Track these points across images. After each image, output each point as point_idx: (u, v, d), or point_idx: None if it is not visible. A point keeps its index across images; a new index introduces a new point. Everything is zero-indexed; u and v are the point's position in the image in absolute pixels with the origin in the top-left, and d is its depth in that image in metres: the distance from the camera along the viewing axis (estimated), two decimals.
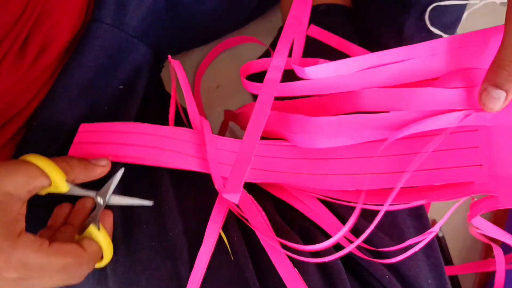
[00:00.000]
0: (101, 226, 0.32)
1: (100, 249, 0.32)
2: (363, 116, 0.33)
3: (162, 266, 0.34)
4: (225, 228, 0.36)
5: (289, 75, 0.38)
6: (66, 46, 0.40)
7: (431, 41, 0.32)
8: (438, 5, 0.43)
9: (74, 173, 0.32)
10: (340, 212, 0.37)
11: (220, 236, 0.35)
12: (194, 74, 0.63)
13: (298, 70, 0.36)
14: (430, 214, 0.45)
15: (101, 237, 0.32)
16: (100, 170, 0.34)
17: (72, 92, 0.39)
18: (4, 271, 0.27)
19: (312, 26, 0.45)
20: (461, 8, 0.45)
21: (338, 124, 0.33)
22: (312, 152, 0.35)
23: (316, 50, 0.43)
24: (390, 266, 0.35)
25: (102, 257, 0.33)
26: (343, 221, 0.36)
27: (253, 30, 0.64)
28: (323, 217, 0.36)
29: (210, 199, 0.37)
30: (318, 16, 0.47)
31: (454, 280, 0.57)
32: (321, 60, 0.40)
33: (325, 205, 0.37)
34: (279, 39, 0.42)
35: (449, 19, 0.44)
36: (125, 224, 0.36)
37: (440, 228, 0.56)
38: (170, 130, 0.38)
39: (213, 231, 0.35)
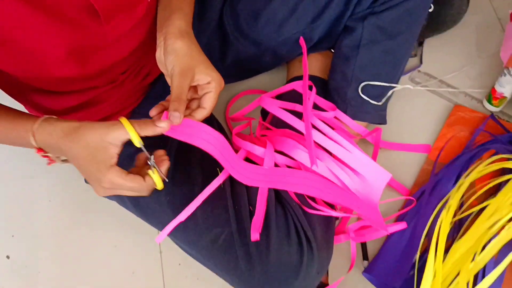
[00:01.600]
0: (155, 171, 0.51)
1: (154, 183, 0.51)
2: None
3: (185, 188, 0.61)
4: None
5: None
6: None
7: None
8: (368, 83, 0.72)
9: (143, 132, 0.49)
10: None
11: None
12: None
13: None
14: None
15: (155, 177, 0.51)
16: (159, 129, 0.49)
17: None
18: (102, 183, 0.49)
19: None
20: (385, 87, 0.73)
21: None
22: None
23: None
24: None
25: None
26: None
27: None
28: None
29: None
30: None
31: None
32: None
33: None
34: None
35: (376, 92, 0.73)
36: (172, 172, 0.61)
37: None
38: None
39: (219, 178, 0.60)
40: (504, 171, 0.73)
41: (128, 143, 0.50)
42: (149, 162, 0.51)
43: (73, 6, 0.50)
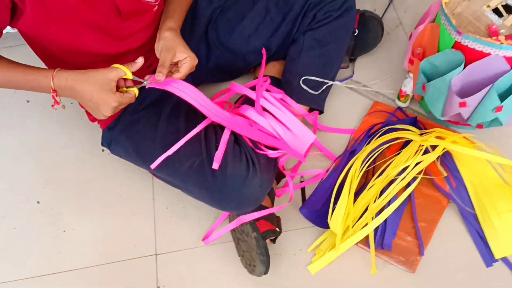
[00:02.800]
0: (135, 91, 0.81)
1: (134, 94, 0.81)
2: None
3: (173, 133, 0.91)
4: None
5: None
6: None
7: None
8: (307, 77, 1.02)
9: (132, 69, 0.78)
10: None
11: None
12: None
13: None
14: None
15: (136, 91, 0.81)
16: (138, 66, 0.79)
17: None
18: (111, 103, 0.77)
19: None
20: (320, 82, 1.02)
21: None
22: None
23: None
24: None
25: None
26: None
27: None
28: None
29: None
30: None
31: None
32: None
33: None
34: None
35: (314, 85, 1.02)
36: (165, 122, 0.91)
37: None
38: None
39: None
40: (405, 144, 1.01)
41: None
42: (144, 83, 0.82)
43: (106, 6, 0.81)
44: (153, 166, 0.86)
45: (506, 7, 0.92)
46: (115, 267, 0.95)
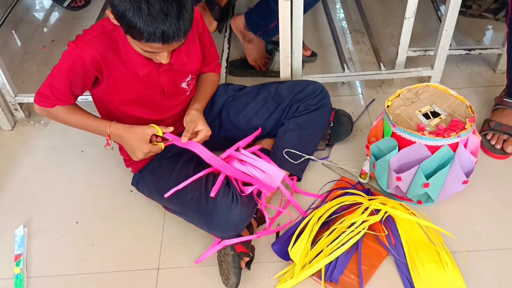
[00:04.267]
0: (162, 145, 1.18)
1: (160, 147, 1.18)
2: None
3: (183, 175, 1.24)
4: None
5: None
6: None
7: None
8: (289, 150, 1.37)
9: (163, 130, 1.17)
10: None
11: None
12: None
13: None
14: None
15: (162, 147, 1.18)
16: (168, 130, 1.18)
17: None
18: (143, 149, 1.15)
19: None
20: (299, 155, 1.37)
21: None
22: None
23: None
24: None
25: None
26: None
27: None
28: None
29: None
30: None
31: None
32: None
33: None
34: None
35: (294, 157, 1.36)
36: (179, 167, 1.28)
37: None
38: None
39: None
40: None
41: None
42: (170, 140, 1.19)
43: (156, 88, 1.22)
44: (166, 195, 1.21)
45: (433, 112, 1.29)
46: (125, 274, 1.25)
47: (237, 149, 1.30)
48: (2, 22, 2.02)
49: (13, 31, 2.13)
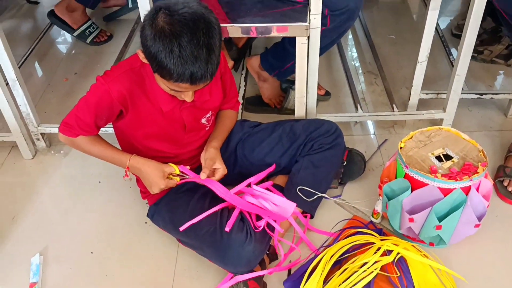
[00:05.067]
0: (177, 179, 1.22)
1: (175, 185, 1.23)
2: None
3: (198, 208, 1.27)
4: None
5: None
6: None
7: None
8: (302, 187, 1.39)
9: (181, 169, 1.21)
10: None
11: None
12: None
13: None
14: None
15: (177, 181, 1.22)
16: (185, 168, 1.23)
17: None
18: (160, 185, 1.20)
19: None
20: (313, 193, 1.40)
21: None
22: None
23: None
24: None
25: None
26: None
27: None
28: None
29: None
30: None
31: None
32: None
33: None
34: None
35: (307, 194, 1.39)
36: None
37: None
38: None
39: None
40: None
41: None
42: (186, 177, 1.22)
43: (178, 123, 1.26)
44: (181, 228, 1.23)
45: (446, 155, 1.31)
46: None
47: (249, 185, 1.32)
48: (28, 55, 2.10)
49: (38, 63, 2.21)
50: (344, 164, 1.51)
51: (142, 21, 1.07)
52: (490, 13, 1.97)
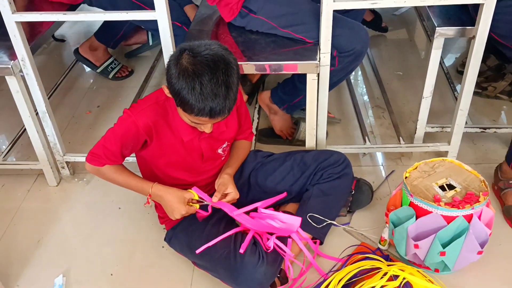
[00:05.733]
0: (197, 206, 1.31)
1: (194, 208, 1.31)
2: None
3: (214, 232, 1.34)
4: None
5: None
6: None
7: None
8: (312, 214, 1.46)
9: (199, 195, 1.29)
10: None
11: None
12: None
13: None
14: None
15: (197, 207, 1.30)
16: (204, 194, 1.32)
17: None
18: (181, 210, 1.29)
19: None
20: (322, 220, 1.46)
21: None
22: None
23: None
24: None
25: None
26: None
27: None
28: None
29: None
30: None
31: None
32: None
33: None
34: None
35: (317, 221, 1.45)
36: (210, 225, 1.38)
37: None
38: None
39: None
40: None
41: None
42: (205, 203, 1.30)
43: (196, 152, 1.36)
44: (198, 251, 1.30)
45: (449, 185, 1.38)
46: None
47: (256, 210, 1.41)
48: (55, 88, 2.24)
49: (63, 97, 2.34)
50: (353, 193, 1.58)
51: (167, 61, 1.18)
52: (493, 52, 2.07)
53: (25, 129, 1.83)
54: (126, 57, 2.57)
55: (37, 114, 1.68)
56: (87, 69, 2.48)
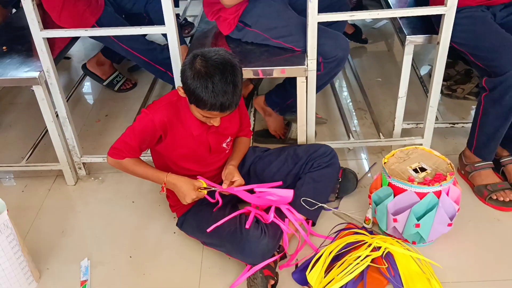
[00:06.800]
0: (205, 192, 1.52)
1: (203, 196, 1.52)
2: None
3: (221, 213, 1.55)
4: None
5: None
6: None
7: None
8: (305, 198, 1.67)
9: (208, 183, 1.50)
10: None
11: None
12: None
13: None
14: None
15: (205, 192, 1.51)
16: (211, 182, 1.53)
17: None
18: (192, 195, 1.49)
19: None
20: (314, 203, 1.67)
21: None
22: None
23: None
24: None
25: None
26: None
27: None
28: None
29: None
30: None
31: None
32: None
33: None
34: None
35: (310, 204, 1.67)
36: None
37: None
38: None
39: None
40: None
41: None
42: (213, 189, 1.52)
43: (205, 146, 1.58)
44: (209, 230, 1.51)
45: (421, 168, 1.61)
46: None
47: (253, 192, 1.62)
48: (67, 100, 2.45)
49: (74, 108, 2.55)
50: (340, 180, 1.81)
51: (182, 66, 1.40)
52: (461, 58, 2.33)
53: (41, 137, 2.04)
54: (129, 71, 2.80)
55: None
56: (95, 82, 2.69)
